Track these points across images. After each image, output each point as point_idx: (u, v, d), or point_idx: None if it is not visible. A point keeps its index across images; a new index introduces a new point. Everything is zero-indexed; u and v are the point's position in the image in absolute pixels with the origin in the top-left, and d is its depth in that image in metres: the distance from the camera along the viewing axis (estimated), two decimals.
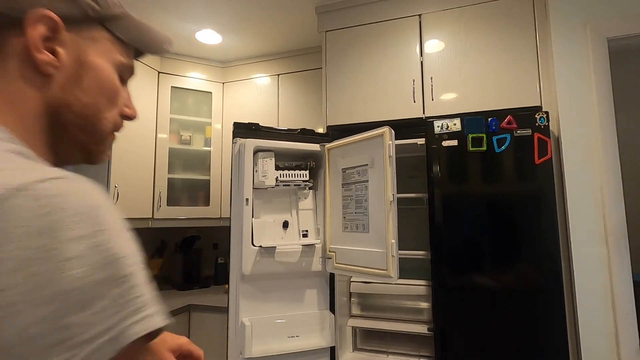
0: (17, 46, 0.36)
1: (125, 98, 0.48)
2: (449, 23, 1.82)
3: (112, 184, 2.07)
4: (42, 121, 0.38)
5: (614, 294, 1.41)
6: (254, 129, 1.63)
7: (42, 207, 0.27)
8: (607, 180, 1.46)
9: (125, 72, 0.47)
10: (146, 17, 2.13)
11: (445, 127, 1.58)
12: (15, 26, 0.35)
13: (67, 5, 0.37)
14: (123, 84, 0.47)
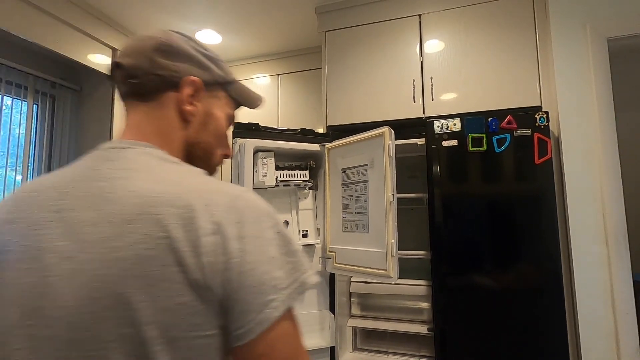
0: (172, 99, 0.53)
1: (227, 141, 0.63)
2: (449, 23, 1.82)
3: None
4: (182, 150, 0.54)
5: (614, 294, 1.41)
6: (253, 129, 1.63)
7: (252, 207, 0.47)
8: (607, 180, 1.46)
9: (230, 121, 0.62)
10: (146, 17, 2.13)
11: (445, 127, 1.58)
12: (173, 86, 0.53)
13: (205, 74, 0.55)
14: (227, 129, 0.62)
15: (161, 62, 0.52)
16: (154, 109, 0.53)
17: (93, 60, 2.04)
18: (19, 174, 1.91)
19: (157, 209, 0.41)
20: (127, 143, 0.50)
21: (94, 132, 2.14)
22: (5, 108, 1.86)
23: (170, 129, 0.53)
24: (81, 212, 0.43)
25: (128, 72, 0.52)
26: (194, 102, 0.54)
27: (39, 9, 1.74)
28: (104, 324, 0.39)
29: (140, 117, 0.53)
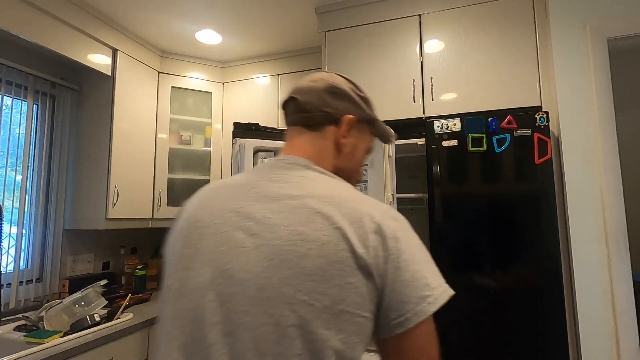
0: (332, 132, 0.65)
1: (361, 169, 0.74)
2: (449, 23, 1.82)
3: (112, 184, 2.07)
4: (333, 172, 0.64)
5: (614, 294, 1.41)
6: (253, 129, 1.63)
7: (400, 218, 0.57)
8: (607, 180, 1.46)
9: (369, 152, 0.74)
10: (146, 17, 2.13)
11: (445, 127, 1.58)
12: (335, 121, 0.65)
13: (359, 112, 0.67)
14: (364, 159, 0.74)
15: (329, 101, 0.65)
16: (317, 137, 0.65)
17: (93, 60, 2.04)
18: (19, 174, 1.91)
19: (329, 207, 0.52)
20: (295, 158, 0.63)
21: (94, 132, 2.14)
22: (5, 108, 1.86)
23: (326, 154, 0.65)
24: (265, 204, 0.55)
25: (301, 106, 0.66)
26: (348, 136, 0.66)
27: (39, 9, 1.74)
28: (284, 289, 0.48)
29: (304, 141, 0.65)
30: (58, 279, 2.05)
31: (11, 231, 1.87)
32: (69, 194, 2.14)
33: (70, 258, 2.15)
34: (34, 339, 1.45)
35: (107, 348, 1.58)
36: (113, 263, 2.43)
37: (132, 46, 2.29)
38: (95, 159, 2.12)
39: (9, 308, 1.79)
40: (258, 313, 0.48)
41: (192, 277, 0.53)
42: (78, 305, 1.73)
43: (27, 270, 1.92)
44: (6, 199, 1.85)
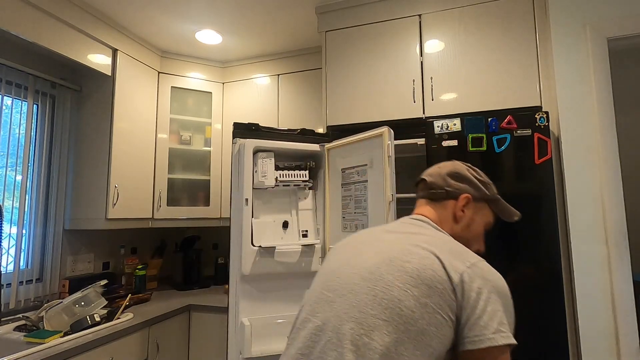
0: (451, 205, 0.85)
1: (482, 241, 0.88)
2: (449, 23, 1.82)
3: (112, 184, 2.07)
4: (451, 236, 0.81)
5: (614, 294, 1.41)
6: (253, 129, 1.63)
7: (488, 271, 0.68)
8: (607, 179, 1.46)
9: (488, 227, 0.89)
10: (146, 17, 2.13)
11: (445, 127, 1.58)
12: (454, 197, 0.85)
13: (476, 192, 0.86)
14: (484, 231, 0.88)
15: (450, 182, 0.86)
16: (438, 208, 0.85)
17: (93, 60, 2.04)
18: (19, 174, 1.91)
19: (433, 248, 0.69)
20: (422, 217, 0.84)
21: (94, 132, 2.15)
22: (5, 108, 1.86)
23: (446, 221, 0.84)
24: (391, 239, 0.76)
25: (428, 185, 0.88)
26: (464, 210, 0.84)
27: (39, 9, 1.74)
28: (388, 276, 0.67)
29: (428, 209, 0.86)
30: (58, 279, 2.05)
31: (11, 231, 1.87)
32: (69, 194, 2.14)
33: (70, 258, 2.15)
34: (34, 339, 1.45)
35: (107, 348, 1.59)
36: (113, 263, 2.43)
37: (132, 46, 2.29)
38: (95, 159, 2.12)
39: (9, 308, 1.79)
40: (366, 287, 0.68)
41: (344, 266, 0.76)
42: (78, 305, 1.73)
43: (27, 270, 1.92)
44: (6, 199, 1.85)
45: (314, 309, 0.72)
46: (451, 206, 0.84)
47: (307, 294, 0.80)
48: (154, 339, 1.86)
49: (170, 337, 1.99)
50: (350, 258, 0.76)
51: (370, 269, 0.69)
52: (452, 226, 0.83)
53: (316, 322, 0.69)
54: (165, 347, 1.94)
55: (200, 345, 2.10)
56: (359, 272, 0.70)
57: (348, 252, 0.79)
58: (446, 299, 0.63)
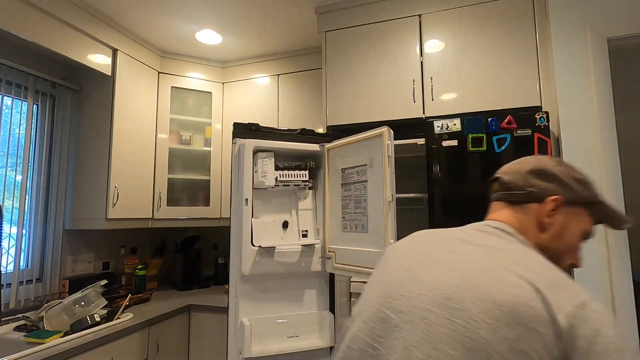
0: (535, 210, 0.68)
1: (578, 253, 0.70)
2: (449, 23, 1.82)
3: (112, 184, 2.07)
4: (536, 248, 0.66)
5: (614, 294, 1.41)
6: (253, 130, 1.63)
7: (603, 314, 0.51)
8: (607, 179, 1.46)
9: (586, 237, 0.70)
10: (146, 17, 2.13)
11: (445, 127, 1.58)
12: (538, 200, 0.68)
13: (569, 194, 0.67)
14: (580, 242, 0.70)
15: (533, 182, 0.69)
16: (518, 212, 0.69)
17: (93, 60, 2.04)
18: (19, 174, 1.91)
19: (529, 275, 0.54)
20: (499, 224, 0.68)
21: (94, 132, 2.15)
22: (5, 108, 1.86)
23: (528, 229, 0.68)
24: (470, 254, 0.61)
25: (504, 185, 0.73)
26: (554, 216, 0.67)
27: (39, 9, 1.74)
28: (472, 308, 0.52)
29: (505, 214, 0.70)
30: (58, 279, 2.05)
31: (11, 231, 1.87)
32: (69, 194, 2.14)
33: (70, 258, 2.15)
34: (34, 339, 1.45)
35: (107, 348, 1.59)
36: (113, 263, 2.43)
37: (132, 46, 2.29)
38: (95, 159, 2.12)
39: (9, 308, 1.79)
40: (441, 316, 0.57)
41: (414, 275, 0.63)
42: (78, 305, 1.73)
43: (27, 270, 1.92)
44: (6, 199, 1.85)
45: (373, 331, 0.60)
46: (535, 210, 0.68)
47: (360, 304, 0.68)
48: (154, 339, 1.86)
49: (170, 337, 1.99)
50: (416, 270, 0.62)
51: (447, 293, 0.55)
52: (537, 236, 0.67)
53: (378, 351, 0.57)
54: (165, 347, 1.94)
55: (200, 345, 2.10)
56: (432, 294, 0.56)
57: (413, 260, 0.65)
58: (549, 348, 0.48)
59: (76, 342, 1.47)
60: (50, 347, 1.41)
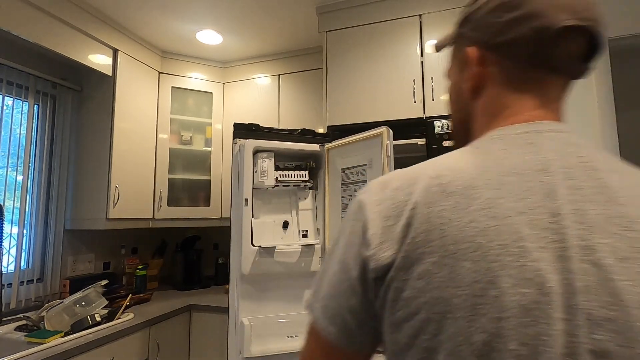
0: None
1: None
2: (450, 23, 1.81)
3: (113, 184, 2.08)
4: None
5: None
6: (253, 130, 1.63)
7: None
8: None
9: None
10: (146, 17, 2.14)
11: (445, 127, 1.58)
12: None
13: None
14: None
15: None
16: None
17: (93, 60, 2.04)
18: (20, 174, 1.91)
19: None
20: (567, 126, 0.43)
21: (94, 132, 2.15)
22: (6, 108, 1.87)
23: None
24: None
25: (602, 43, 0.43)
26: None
27: (39, 9, 1.74)
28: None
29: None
30: (59, 279, 2.05)
31: (12, 231, 1.88)
32: (69, 194, 2.15)
33: (71, 258, 2.15)
34: (35, 339, 1.46)
35: (107, 348, 1.59)
36: (114, 263, 2.43)
37: (133, 46, 2.29)
38: (96, 159, 2.12)
39: (10, 308, 1.79)
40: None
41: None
42: (79, 305, 1.73)
43: (28, 270, 1.93)
44: (7, 199, 1.85)
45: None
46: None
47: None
48: (154, 339, 1.86)
49: (171, 337, 1.99)
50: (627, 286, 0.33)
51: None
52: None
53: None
54: (165, 347, 1.94)
55: (200, 345, 2.10)
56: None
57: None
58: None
59: (77, 342, 1.48)
60: (51, 347, 1.41)
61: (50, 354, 1.35)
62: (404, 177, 0.44)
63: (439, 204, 0.38)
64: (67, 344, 1.45)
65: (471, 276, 0.34)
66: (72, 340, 1.49)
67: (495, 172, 0.39)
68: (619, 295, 0.33)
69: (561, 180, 0.38)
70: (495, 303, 0.33)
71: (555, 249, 0.34)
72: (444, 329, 0.35)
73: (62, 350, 1.40)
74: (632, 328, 0.32)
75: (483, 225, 0.36)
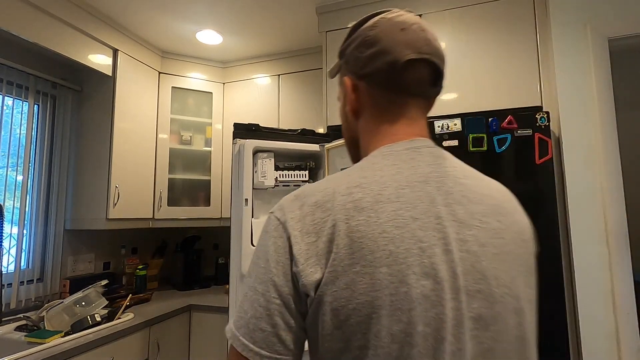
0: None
1: None
2: (450, 23, 1.81)
3: (113, 184, 2.08)
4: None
5: (614, 294, 1.40)
6: (253, 130, 1.63)
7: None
8: (608, 180, 1.46)
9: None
10: (146, 17, 2.13)
11: (445, 127, 1.57)
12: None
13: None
14: None
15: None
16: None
17: (93, 60, 2.04)
18: (20, 174, 1.91)
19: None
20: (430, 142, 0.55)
21: (94, 132, 2.15)
22: (6, 108, 1.87)
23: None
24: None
25: (442, 79, 0.56)
26: None
27: (39, 9, 1.74)
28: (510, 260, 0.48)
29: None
30: (59, 279, 2.05)
31: (12, 231, 1.88)
32: (69, 194, 2.15)
33: (71, 258, 2.15)
34: (35, 339, 1.46)
35: (107, 348, 1.59)
36: (114, 263, 2.43)
37: (133, 46, 2.29)
38: (96, 159, 2.12)
39: (10, 308, 1.79)
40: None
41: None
42: (79, 305, 1.73)
43: (28, 270, 1.93)
44: (7, 199, 1.85)
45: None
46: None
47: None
48: (154, 339, 1.86)
49: (171, 337, 1.99)
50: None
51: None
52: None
53: None
54: (165, 347, 1.94)
55: (200, 345, 2.10)
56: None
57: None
58: None
59: (77, 342, 1.47)
60: (51, 347, 1.41)
61: (50, 354, 1.35)
62: (318, 193, 0.48)
63: (355, 219, 0.43)
64: (67, 344, 1.45)
65: (388, 279, 0.41)
66: (72, 340, 1.49)
67: (393, 187, 0.46)
68: (483, 272, 0.44)
69: (437, 188, 0.48)
70: (406, 297, 0.41)
71: (442, 244, 0.44)
72: (372, 327, 0.41)
73: (62, 350, 1.39)
74: (492, 294, 0.44)
75: (392, 235, 0.43)
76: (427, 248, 0.43)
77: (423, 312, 0.41)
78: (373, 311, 0.40)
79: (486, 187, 0.53)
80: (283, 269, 0.44)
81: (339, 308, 0.41)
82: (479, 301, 0.43)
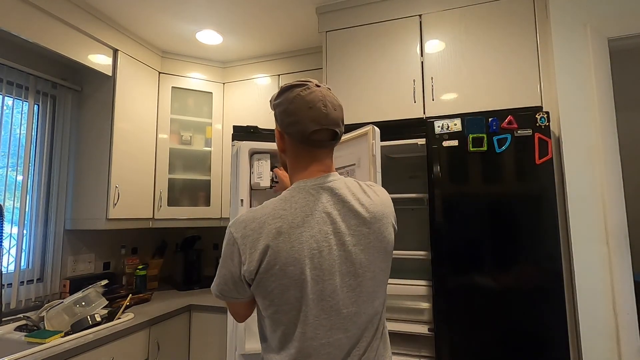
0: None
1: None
2: (450, 23, 1.81)
3: (113, 185, 2.08)
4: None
5: (614, 294, 1.40)
6: (252, 132, 1.63)
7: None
8: (608, 180, 1.46)
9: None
10: (146, 17, 2.13)
11: (445, 128, 1.57)
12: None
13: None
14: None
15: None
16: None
17: (93, 60, 2.04)
18: (20, 174, 1.91)
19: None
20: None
21: (94, 132, 2.15)
22: (6, 108, 1.87)
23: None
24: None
25: (340, 134, 0.86)
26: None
27: (39, 9, 1.74)
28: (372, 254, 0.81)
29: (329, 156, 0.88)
30: (59, 279, 2.05)
31: (12, 231, 1.88)
32: (69, 194, 2.15)
33: (71, 258, 2.15)
34: (35, 339, 1.46)
35: (107, 348, 1.59)
36: (114, 263, 2.43)
37: (133, 46, 2.29)
38: (96, 159, 2.12)
39: (10, 308, 1.79)
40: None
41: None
42: (79, 305, 1.73)
43: (28, 270, 1.93)
44: (7, 199, 1.85)
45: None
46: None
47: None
48: (154, 339, 1.86)
49: (171, 337, 1.99)
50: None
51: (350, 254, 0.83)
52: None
53: None
54: (165, 347, 1.94)
55: (200, 345, 2.10)
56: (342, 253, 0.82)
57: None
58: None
59: (77, 342, 1.47)
60: (51, 347, 1.41)
61: (50, 354, 1.35)
62: (255, 220, 0.77)
63: (277, 239, 0.74)
64: (67, 344, 1.45)
65: (294, 272, 0.74)
66: (72, 340, 1.49)
67: (301, 217, 0.76)
68: (352, 260, 0.78)
69: (328, 214, 0.78)
70: (304, 282, 0.74)
71: (327, 249, 0.76)
72: (283, 295, 0.74)
73: (62, 350, 1.39)
74: (357, 272, 0.78)
75: (297, 247, 0.74)
76: (317, 253, 0.75)
77: (313, 287, 0.74)
78: (286, 289, 0.74)
79: (365, 204, 0.82)
80: (235, 266, 0.77)
81: (267, 285, 0.74)
82: (349, 278, 0.77)
